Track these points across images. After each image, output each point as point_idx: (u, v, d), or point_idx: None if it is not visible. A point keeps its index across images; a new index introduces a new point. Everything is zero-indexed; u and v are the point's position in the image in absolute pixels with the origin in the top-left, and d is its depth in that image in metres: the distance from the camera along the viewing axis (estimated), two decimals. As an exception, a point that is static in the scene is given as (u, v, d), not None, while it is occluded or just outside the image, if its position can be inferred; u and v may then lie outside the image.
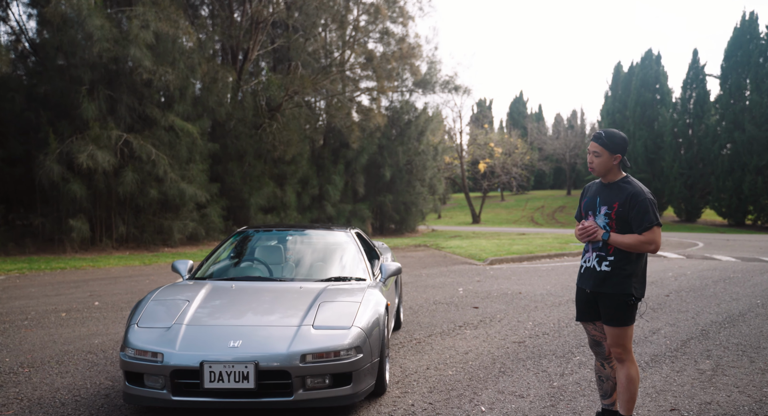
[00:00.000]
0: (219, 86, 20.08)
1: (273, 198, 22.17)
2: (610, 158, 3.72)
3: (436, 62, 31.27)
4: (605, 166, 3.73)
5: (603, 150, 3.71)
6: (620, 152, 3.72)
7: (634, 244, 3.61)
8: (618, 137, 3.72)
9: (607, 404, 3.96)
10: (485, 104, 72.70)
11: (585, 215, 3.88)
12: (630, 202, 3.65)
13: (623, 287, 3.64)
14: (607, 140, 3.70)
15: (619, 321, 3.66)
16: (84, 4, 16.17)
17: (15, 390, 4.82)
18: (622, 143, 3.72)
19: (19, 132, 17.56)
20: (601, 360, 3.93)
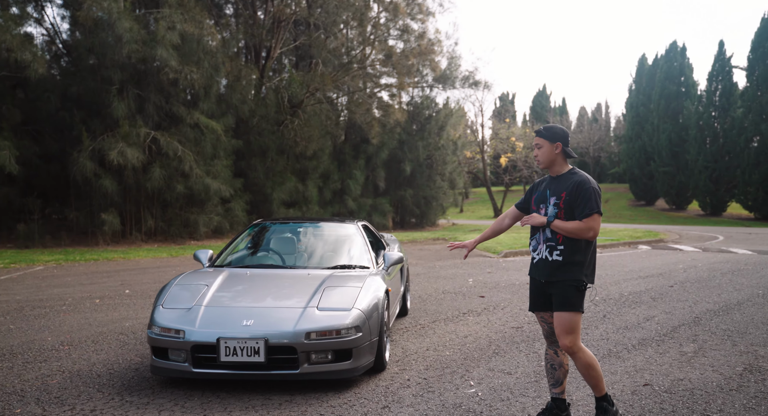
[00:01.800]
0: (242, 84, 20.74)
1: (295, 193, 22.80)
2: (551, 147, 3.89)
3: (456, 58, 31.55)
4: (548, 156, 3.91)
5: (543, 141, 3.91)
6: (559, 140, 3.89)
7: (574, 230, 3.76)
8: (557, 128, 3.92)
9: (557, 392, 4.07)
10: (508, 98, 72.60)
11: (536, 209, 4.01)
12: (576, 190, 3.80)
13: (574, 273, 3.79)
14: (545, 131, 3.91)
15: (569, 305, 3.78)
16: (114, 8, 16.91)
17: (57, 364, 5.43)
18: (561, 132, 3.90)
19: (55, 130, 18.44)
20: (555, 348, 4.05)
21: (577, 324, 3.82)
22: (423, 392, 4.72)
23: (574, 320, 3.80)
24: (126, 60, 17.52)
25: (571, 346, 3.82)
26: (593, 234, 3.77)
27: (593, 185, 3.82)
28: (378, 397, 4.58)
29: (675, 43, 47.37)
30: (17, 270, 12.72)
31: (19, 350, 5.93)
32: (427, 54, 27.38)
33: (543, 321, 4.08)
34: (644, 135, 48.77)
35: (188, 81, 18.09)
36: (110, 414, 4.17)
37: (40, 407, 4.30)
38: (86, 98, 18.11)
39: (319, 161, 24.28)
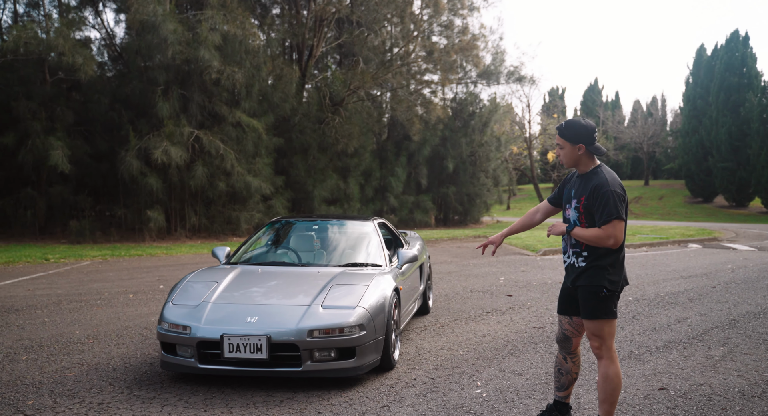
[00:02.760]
0: (284, 83, 21.01)
1: (336, 190, 22.97)
2: (573, 149, 3.66)
3: (500, 53, 31.15)
4: (570, 157, 3.69)
5: (564, 142, 3.67)
6: (582, 141, 3.62)
7: (593, 238, 3.55)
8: (578, 126, 3.63)
9: (561, 396, 3.99)
10: (557, 93, 71.13)
11: (564, 208, 3.89)
12: (594, 194, 3.57)
13: (596, 279, 3.59)
14: (566, 131, 3.64)
15: (592, 313, 3.62)
16: (159, 11, 17.39)
17: (79, 356, 5.63)
18: (583, 132, 3.62)
19: (105, 130, 19.14)
20: (565, 354, 3.95)
21: (605, 330, 3.63)
22: (427, 392, 4.68)
23: (600, 326, 3.63)
24: (171, 61, 18.02)
25: (597, 349, 3.69)
26: (614, 242, 3.52)
27: (612, 188, 3.53)
28: (380, 396, 4.57)
29: (737, 32, 45.45)
30: (66, 265, 13.25)
31: (47, 342, 6.17)
32: (469, 49, 27.11)
33: (560, 324, 3.96)
34: (702, 129, 46.99)
35: (230, 81, 18.45)
36: (116, 407, 4.29)
37: (51, 399, 4.46)
38: (134, 99, 18.71)
39: (361, 159, 24.38)
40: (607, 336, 3.63)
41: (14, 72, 18.73)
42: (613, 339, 3.66)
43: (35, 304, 8.32)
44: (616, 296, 3.64)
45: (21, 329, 6.81)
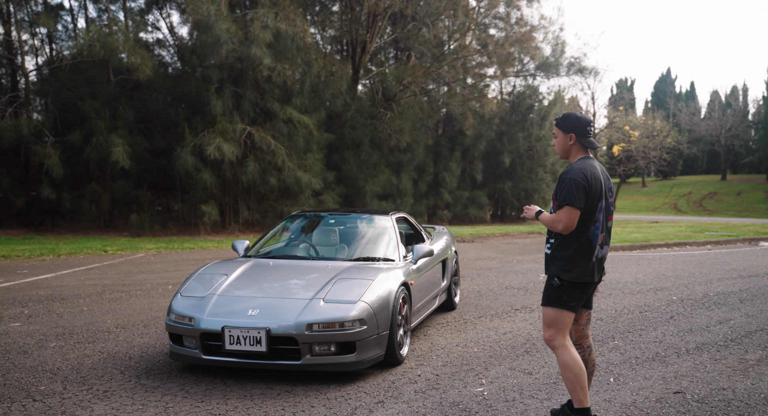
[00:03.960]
0: (335, 79, 21.18)
1: (389, 185, 22.98)
2: (565, 138, 3.74)
3: (560, 44, 30.32)
4: (561, 146, 3.78)
5: (558, 131, 3.77)
6: (573, 131, 3.70)
7: (547, 223, 3.62)
8: (573, 118, 3.72)
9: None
10: (626, 84, 68.65)
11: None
12: (558, 181, 3.67)
13: (554, 268, 3.64)
14: (562, 121, 3.75)
15: (545, 299, 3.69)
16: (212, 10, 17.86)
17: (102, 345, 5.85)
18: (575, 122, 3.70)
19: (163, 127, 19.86)
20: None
21: (556, 319, 3.65)
22: (427, 388, 4.60)
23: (550, 314, 3.66)
24: (224, 60, 18.48)
25: (548, 340, 3.70)
26: (562, 227, 3.55)
27: (572, 176, 3.57)
28: (378, 391, 4.52)
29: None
30: (121, 257, 13.83)
31: (78, 330, 6.44)
32: (526, 41, 26.50)
33: None
34: (783, 120, 44.32)
35: (281, 78, 18.75)
36: (119, 395, 4.43)
37: (62, 385, 4.64)
38: (190, 97, 19.31)
39: (414, 154, 24.28)
40: (558, 325, 3.64)
41: (81, 73, 19.66)
42: (564, 331, 3.65)
43: (80, 293, 8.71)
44: (573, 288, 3.62)
45: (59, 317, 7.14)
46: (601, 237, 3.68)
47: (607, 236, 3.76)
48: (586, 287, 3.67)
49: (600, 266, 3.74)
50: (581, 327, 3.86)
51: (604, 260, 3.79)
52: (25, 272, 11.30)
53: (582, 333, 3.86)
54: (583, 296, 3.69)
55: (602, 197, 3.65)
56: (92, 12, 23.21)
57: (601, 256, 3.72)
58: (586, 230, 3.60)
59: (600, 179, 3.66)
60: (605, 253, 3.76)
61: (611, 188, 3.75)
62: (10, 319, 7.02)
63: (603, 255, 3.74)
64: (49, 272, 11.24)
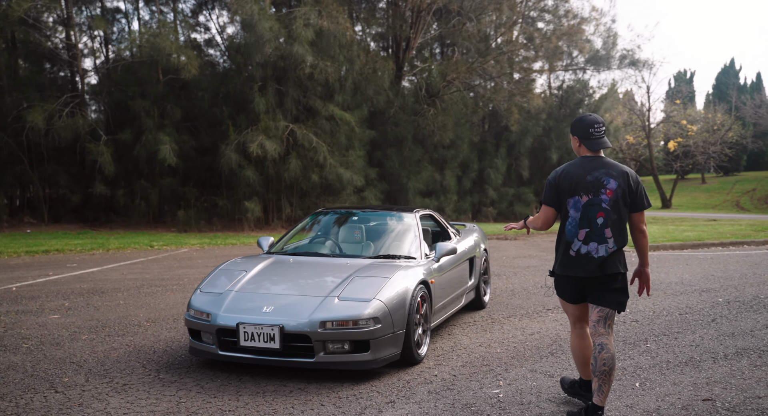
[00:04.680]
0: (377, 76, 21.17)
1: (432, 182, 22.85)
2: (574, 140, 3.95)
3: (612, 36, 29.52)
4: (574, 148, 3.99)
5: (570, 134, 4.00)
6: (575, 133, 3.89)
7: (532, 221, 4.11)
8: (575, 121, 3.90)
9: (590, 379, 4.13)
10: (684, 77, 66.17)
11: None
12: None
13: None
14: (572, 123, 3.97)
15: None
16: (256, 9, 18.10)
17: (131, 338, 5.98)
18: (577, 125, 3.86)
19: (208, 126, 20.31)
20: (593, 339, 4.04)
21: (563, 306, 4.04)
22: (442, 389, 4.52)
23: (560, 303, 4.18)
24: (267, 58, 18.72)
25: None
26: (541, 224, 3.96)
27: (549, 177, 3.92)
28: (390, 391, 4.46)
29: None
30: (165, 252, 14.18)
31: (110, 323, 6.61)
32: (574, 34, 25.89)
33: None
34: None
35: (323, 75, 18.87)
36: (136, 388, 4.50)
37: (85, 378, 4.76)
38: (234, 96, 19.68)
39: (458, 150, 24.06)
40: (566, 313, 4.05)
41: (133, 73, 20.28)
42: (571, 318, 4.01)
43: (120, 287, 8.96)
44: (561, 280, 3.91)
45: (96, 310, 7.35)
46: (583, 233, 3.71)
47: (599, 234, 3.71)
48: (573, 280, 3.80)
49: (588, 263, 3.71)
50: (592, 323, 3.82)
51: (602, 260, 3.71)
52: (74, 265, 11.71)
53: (593, 330, 3.80)
54: (571, 289, 3.84)
55: (575, 193, 3.72)
56: (145, 14, 23.90)
57: (586, 251, 3.72)
58: (562, 225, 3.87)
59: (575, 176, 3.71)
60: (594, 250, 3.71)
61: (608, 185, 3.69)
62: (51, 311, 7.26)
63: (590, 251, 3.71)
64: (96, 266, 11.62)
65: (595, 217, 3.69)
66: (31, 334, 6.14)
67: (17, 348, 5.64)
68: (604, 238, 3.70)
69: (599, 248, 3.70)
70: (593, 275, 3.72)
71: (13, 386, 4.56)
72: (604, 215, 3.69)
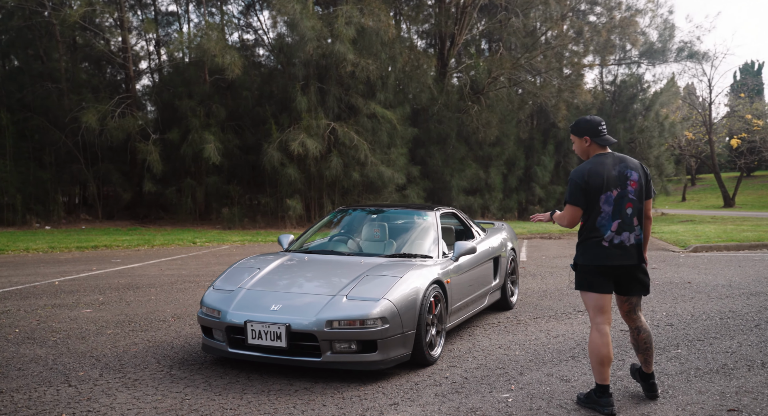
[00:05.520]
0: (420, 73, 21.03)
1: (476, 180, 22.55)
2: (581, 142, 4.07)
3: (669, 28, 28.49)
4: (580, 150, 4.12)
5: (574, 137, 4.11)
6: (586, 134, 4.01)
7: (557, 218, 4.16)
8: (582, 122, 4.04)
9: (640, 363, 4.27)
10: (751, 69, 63.19)
11: None
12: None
13: (574, 256, 4.12)
14: (574, 127, 4.08)
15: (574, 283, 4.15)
16: (299, 9, 18.24)
17: (153, 334, 6.08)
18: (585, 126, 4.01)
19: (252, 124, 20.62)
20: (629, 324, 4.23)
21: (585, 300, 4.05)
22: (450, 392, 4.39)
23: (582, 296, 4.08)
24: (309, 57, 18.85)
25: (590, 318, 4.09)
26: (567, 223, 4.04)
27: (572, 177, 3.98)
28: (396, 393, 4.37)
29: None
30: (207, 248, 14.45)
31: (137, 318, 6.74)
32: (627, 26, 25.08)
33: None
34: None
35: (364, 73, 18.87)
36: (146, 384, 4.55)
37: (99, 372, 4.84)
38: (277, 95, 19.91)
39: (504, 148, 23.67)
40: (589, 307, 4.02)
41: (180, 74, 20.79)
42: (594, 312, 3.99)
43: (155, 283, 9.16)
44: (588, 271, 3.98)
45: (127, 305, 7.52)
46: (616, 224, 3.93)
47: (629, 223, 3.96)
48: (605, 270, 3.94)
49: (623, 252, 3.94)
50: (624, 313, 4.15)
51: (633, 247, 3.97)
52: (117, 261, 12.06)
53: (626, 317, 4.15)
54: (602, 279, 3.95)
55: (608, 188, 3.91)
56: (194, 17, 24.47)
57: (619, 241, 3.94)
58: (592, 220, 3.96)
59: (603, 174, 3.90)
60: (626, 239, 3.94)
61: (631, 177, 3.94)
62: (85, 305, 7.47)
63: (622, 240, 3.94)
64: (138, 261, 11.93)
65: (625, 208, 3.94)
66: (61, 327, 6.32)
67: (45, 340, 5.80)
68: (632, 226, 3.97)
69: (630, 237, 3.96)
70: (632, 263, 3.96)
71: (30, 378, 4.68)
72: (632, 205, 3.95)
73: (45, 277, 9.81)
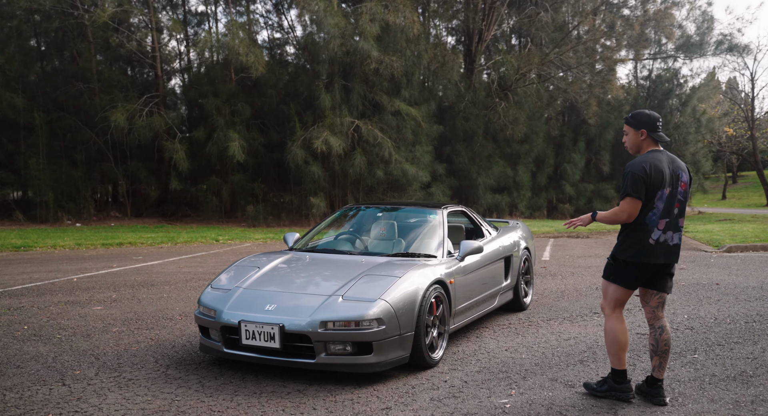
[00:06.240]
0: (446, 70, 20.79)
1: (504, 178, 22.21)
2: (636, 134, 4.04)
3: (707, 20, 27.64)
4: (633, 142, 4.07)
5: (629, 128, 4.07)
6: (644, 127, 4.00)
7: (610, 216, 4.01)
8: (642, 115, 4.03)
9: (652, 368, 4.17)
10: (795, 63, 60.95)
11: None
12: (623, 175, 4.01)
13: (614, 248, 4.10)
14: (631, 118, 4.05)
15: (603, 272, 4.18)
16: (322, 6, 18.19)
17: (158, 332, 6.04)
18: (645, 119, 4.00)
19: (277, 123, 20.68)
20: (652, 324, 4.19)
21: (607, 290, 4.11)
22: (446, 396, 4.23)
23: (604, 285, 4.15)
24: (333, 54, 18.78)
25: (601, 307, 4.19)
26: (626, 217, 3.93)
27: (632, 170, 3.91)
28: (391, 396, 4.22)
29: None
30: (229, 246, 14.50)
31: (145, 316, 6.72)
32: (662, 19, 24.40)
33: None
34: None
35: (389, 70, 18.72)
36: (139, 384, 4.50)
37: (96, 371, 4.80)
38: (301, 92, 19.89)
39: (532, 145, 23.25)
40: (611, 298, 4.10)
41: (207, 73, 20.95)
42: (615, 304, 4.08)
43: (170, 280, 9.18)
44: (626, 267, 3.98)
45: (138, 302, 7.52)
46: (663, 223, 3.94)
47: (674, 223, 3.99)
48: (644, 267, 3.95)
49: (666, 250, 3.96)
50: (651, 309, 4.12)
51: (675, 247, 4.00)
52: (139, 258, 12.17)
53: (653, 315, 4.12)
54: (640, 275, 3.98)
55: (664, 185, 3.91)
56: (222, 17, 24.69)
57: (664, 239, 3.95)
58: (642, 215, 3.93)
59: (663, 170, 3.90)
60: (670, 238, 3.97)
61: (682, 178, 3.99)
62: (97, 303, 7.51)
63: (667, 239, 3.96)
64: (159, 259, 12.02)
65: (674, 207, 3.97)
66: (69, 325, 6.34)
67: (50, 338, 5.81)
68: (678, 227, 4.00)
69: (674, 236, 3.99)
70: (673, 262, 4.01)
71: (26, 377, 4.67)
72: (679, 206, 4.00)
73: (65, 274, 9.93)
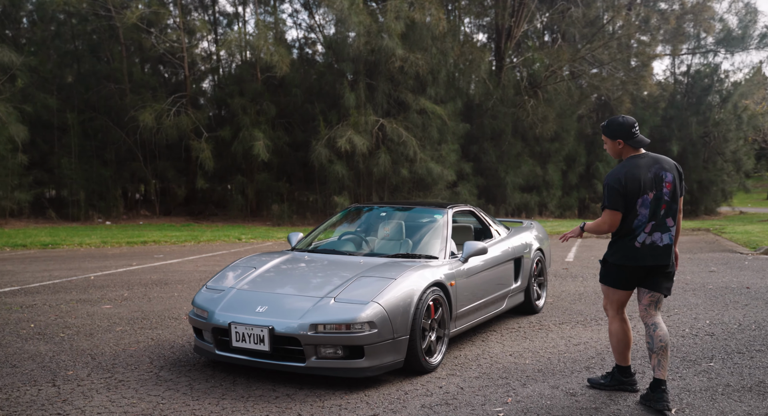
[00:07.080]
0: (473, 67, 20.49)
1: (533, 177, 21.80)
2: (614, 144, 4.03)
3: (750, 12, 26.69)
4: (613, 150, 4.07)
5: (606, 138, 4.06)
6: (620, 137, 3.97)
7: (595, 227, 4.09)
8: (615, 124, 3.99)
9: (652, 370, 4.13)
10: None
11: None
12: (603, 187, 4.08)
13: (605, 253, 4.16)
14: (606, 129, 4.02)
15: (599, 275, 4.24)
16: (347, 4, 18.09)
17: (159, 332, 5.99)
18: (618, 128, 3.97)
19: (302, 122, 20.68)
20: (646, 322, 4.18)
21: (605, 292, 4.21)
22: (438, 403, 4.05)
23: (602, 288, 4.24)
24: (357, 53, 18.67)
25: (603, 308, 4.30)
26: (608, 228, 4.01)
27: (609, 182, 3.95)
28: (380, 403, 4.06)
29: None
30: (250, 245, 14.51)
31: (151, 316, 6.69)
32: (699, 13, 23.63)
33: None
34: None
35: (414, 68, 18.53)
36: (128, 386, 4.42)
37: (88, 371, 4.76)
38: (325, 91, 19.84)
39: (563, 143, 22.76)
40: (610, 300, 4.19)
41: (233, 73, 21.09)
42: (614, 305, 4.16)
43: (183, 279, 9.17)
44: (616, 269, 4.06)
45: (148, 301, 7.51)
46: (650, 226, 3.94)
47: (661, 224, 3.96)
48: (633, 270, 3.99)
49: (654, 252, 3.95)
50: (644, 307, 4.11)
51: (666, 247, 3.97)
52: (160, 256, 12.24)
53: (645, 312, 4.11)
54: (630, 277, 4.03)
55: (643, 192, 3.90)
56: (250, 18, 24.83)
57: (650, 242, 3.95)
58: (628, 222, 3.97)
59: (639, 177, 3.89)
60: (658, 239, 3.95)
61: (666, 178, 3.94)
62: (107, 301, 7.52)
63: (654, 241, 3.95)
64: (179, 257, 12.07)
65: (660, 209, 3.96)
66: (75, 323, 6.34)
67: (53, 336, 5.81)
68: (666, 227, 3.98)
69: (663, 237, 3.97)
70: (663, 263, 3.97)
71: (19, 377, 4.64)
72: (665, 207, 3.97)
73: (84, 271, 10.02)
